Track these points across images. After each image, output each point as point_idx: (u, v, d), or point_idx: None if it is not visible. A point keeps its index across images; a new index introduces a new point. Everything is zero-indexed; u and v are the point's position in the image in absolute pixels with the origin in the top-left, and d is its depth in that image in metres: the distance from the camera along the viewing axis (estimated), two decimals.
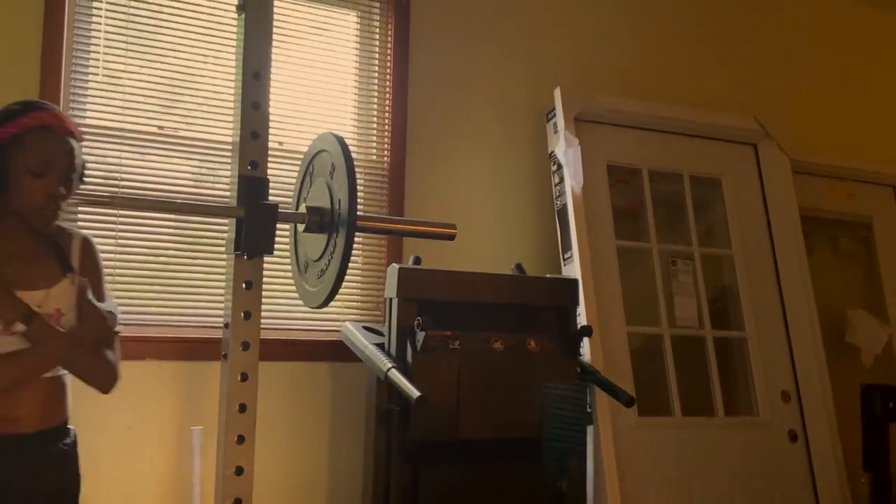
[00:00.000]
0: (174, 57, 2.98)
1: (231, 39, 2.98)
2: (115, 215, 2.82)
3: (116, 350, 2.05)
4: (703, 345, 3.55)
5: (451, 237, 2.60)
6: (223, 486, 2.34)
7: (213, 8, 3.04)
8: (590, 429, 3.08)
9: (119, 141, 2.86)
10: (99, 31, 2.86)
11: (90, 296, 1.96)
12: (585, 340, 3.14)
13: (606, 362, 3.17)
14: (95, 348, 1.97)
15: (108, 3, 2.88)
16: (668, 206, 3.70)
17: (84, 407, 2.26)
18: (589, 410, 3.08)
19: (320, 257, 2.36)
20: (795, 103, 4.21)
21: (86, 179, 2.02)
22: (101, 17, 2.87)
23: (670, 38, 3.93)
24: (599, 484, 3.03)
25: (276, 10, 3.07)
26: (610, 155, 3.56)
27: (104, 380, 2.00)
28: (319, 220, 2.36)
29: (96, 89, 2.85)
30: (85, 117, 2.82)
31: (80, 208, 2.74)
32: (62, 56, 2.75)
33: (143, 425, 2.80)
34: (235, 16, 2.47)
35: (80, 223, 2.73)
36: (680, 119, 3.68)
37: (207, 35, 3.02)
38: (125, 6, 2.91)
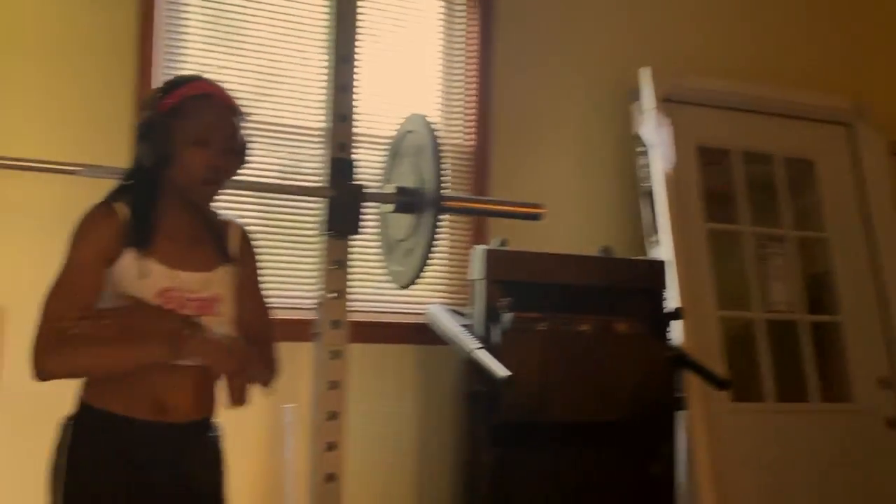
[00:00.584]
0: (261, 48, 3.03)
1: (316, 29, 3.03)
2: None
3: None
4: (797, 329, 3.45)
5: (539, 217, 2.61)
6: (315, 462, 2.40)
7: None
8: (681, 413, 3.03)
9: None
10: (189, 23, 2.94)
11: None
12: (675, 324, 3.09)
13: (697, 346, 3.11)
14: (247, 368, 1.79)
15: None
16: (759, 188, 3.61)
17: None
18: (680, 395, 3.03)
19: (407, 237, 2.39)
20: (894, 81, 4.04)
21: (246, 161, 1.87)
22: (191, 9, 2.94)
23: (762, 14, 3.81)
24: (691, 469, 2.98)
25: None
26: (699, 136, 3.48)
27: (266, 380, 1.89)
28: (406, 200, 2.39)
29: None
30: None
31: None
32: (152, 49, 2.83)
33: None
34: (321, 5, 2.52)
35: None
36: (772, 98, 3.58)
37: (294, 25, 3.07)
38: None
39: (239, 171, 1.82)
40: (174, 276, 1.70)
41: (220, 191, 1.79)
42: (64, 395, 1.72)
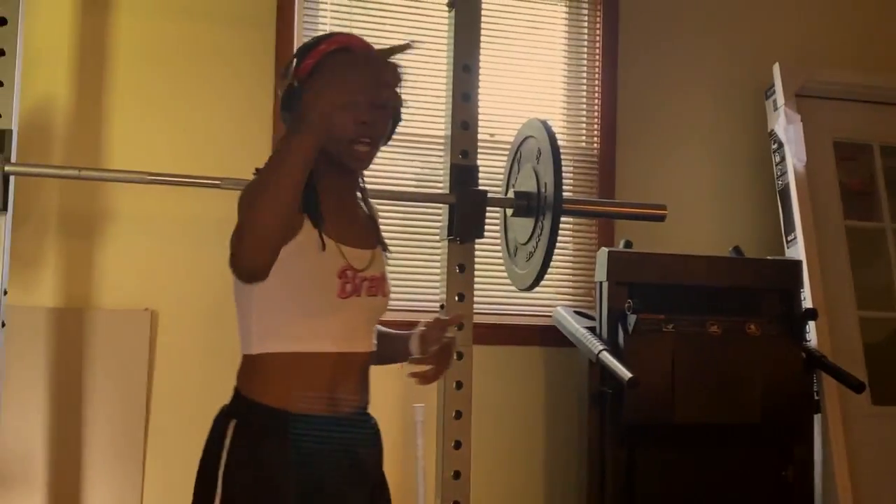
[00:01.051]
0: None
1: (440, 36, 3.12)
2: None
3: None
4: None
5: (661, 218, 2.60)
6: (443, 460, 2.48)
7: (425, 6, 3.18)
8: (818, 417, 2.94)
9: None
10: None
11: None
12: (811, 325, 3.00)
13: (835, 348, 3.01)
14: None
15: (332, 10, 3.11)
16: None
17: None
18: (816, 398, 2.94)
19: (528, 240, 2.44)
20: None
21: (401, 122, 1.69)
22: (326, 20, 3.10)
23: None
24: (828, 474, 2.89)
25: (485, 5, 3.20)
26: (836, 131, 3.37)
27: None
28: (526, 205, 2.44)
29: None
30: None
31: None
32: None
33: (373, 401, 2.99)
34: (446, 13, 2.60)
35: None
36: None
37: (421, 33, 3.18)
38: (348, 10, 3.12)
39: (395, 131, 1.67)
40: (345, 252, 1.55)
41: (376, 154, 1.60)
42: (216, 395, 1.69)
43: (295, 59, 1.59)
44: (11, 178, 2.29)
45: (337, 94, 1.39)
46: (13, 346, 2.68)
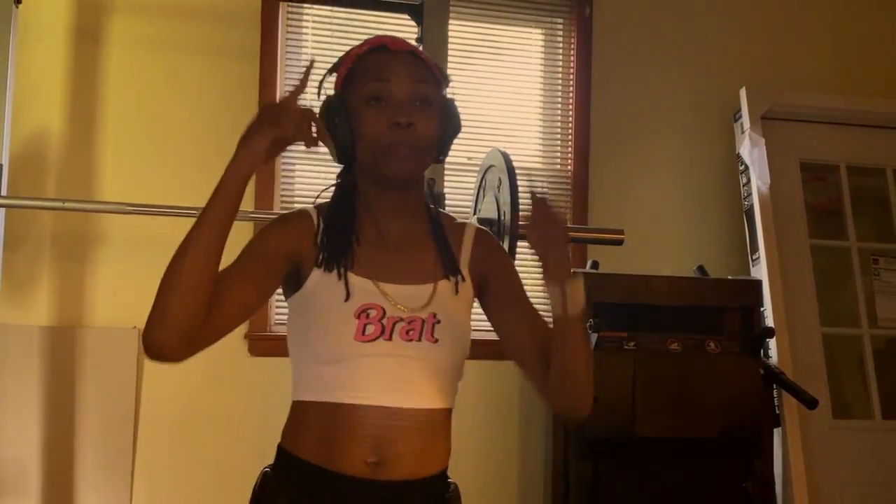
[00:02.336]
0: None
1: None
2: None
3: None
4: None
5: (619, 242, 2.72)
6: None
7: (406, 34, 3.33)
8: (779, 430, 3.06)
9: (326, 164, 3.22)
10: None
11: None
12: (773, 341, 3.11)
13: (797, 363, 3.12)
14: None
15: (314, 43, 3.25)
16: (872, 203, 3.56)
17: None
18: (777, 412, 3.05)
19: None
20: None
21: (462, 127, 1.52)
22: (308, 52, 3.24)
23: (863, 28, 3.75)
24: (789, 486, 3.00)
25: (463, 29, 3.34)
26: (803, 151, 3.48)
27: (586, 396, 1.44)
28: (489, 231, 2.57)
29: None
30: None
31: None
32: (276, 92, 3.15)
33: None
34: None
35: None
36: (881, 112, 3.53)
37: None
38: (329, 42, 3.27)
39: (450, 136, 1.47)
40: (377, 289, 1.37)
41: (420, 160, 1.41)
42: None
43: (330, 74, 1.46)
44: (2, 210, 2.44)
45: (366, 95, 1.35)
46: (8, 362, 2.86)
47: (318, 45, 3.26)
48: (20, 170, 2.84)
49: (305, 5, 3.20)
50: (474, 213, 2.75)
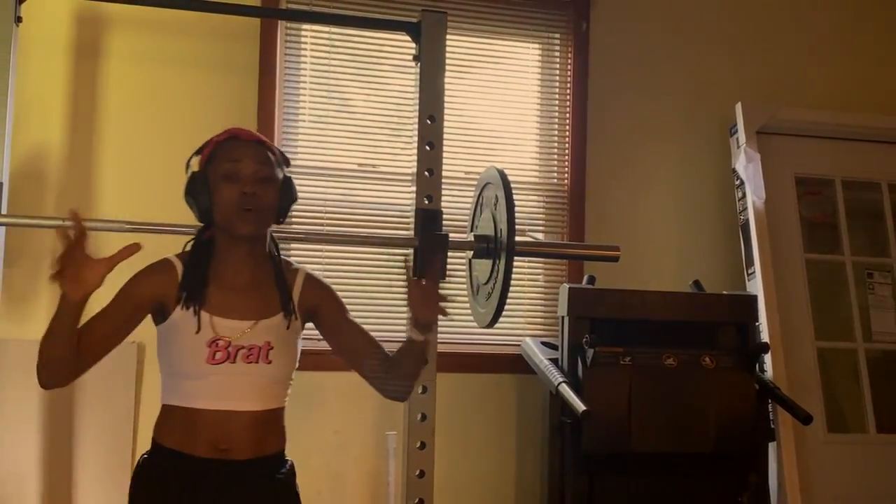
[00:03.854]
0: (367, 102, 3.32)
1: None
2: (321, 248, 3.20)
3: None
4: None
5: (615, 259, 2.75)
6: (408, 488, 2.63)
7: (399, 56, 3.35)
8: (774, 445, 3.08)
9: (325, 178, 3.25)
10: (305, 83, 3.26)
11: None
12: (768, 356, 3.13)
13: (792, 378, 3.15)
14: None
15: (311, 59, 3.28)
16: (866, 217, 3.58)
17: (298, 411, 2.62)
18: (771, 426, 3.07)
19: (487, 281, 2.59)
20: None
21: (297, 199, 1.96)
22: (306, 72, 3.27)
23: (857, 45, 3.78)
24: (783, 500, 3.02)
25: (461, 43, 3.38)
26: (798, 166, 3.51)
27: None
28: (486, 247, 2.60)
29: (305, 134, 3.26)
30: (296, 158, 3.20)
31: (292, 242, 3.11)
32: (275, 107, 3.18)
33: (348, 429, 3.16)
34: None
35: (293, 253, 3.12)
36: (876, 126, 3.56)
37: (395, 82, 3.34)
38: (327, 58, 3.29)
39: (286, 205, 1.90)
40: (222, 324, 1.80)
41: (263, 221, 1.86)
42: None
43: (195, 155, 1.91)
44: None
45: (222, 174, 1.82)
46: (8, 377, 2.87)
47: (317, 60, 3.28)
48: (20, 185, 2.85)
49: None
50: (471, 230, 2.78)
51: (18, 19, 2.57)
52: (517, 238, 2.49)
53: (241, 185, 1.81)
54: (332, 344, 2.01)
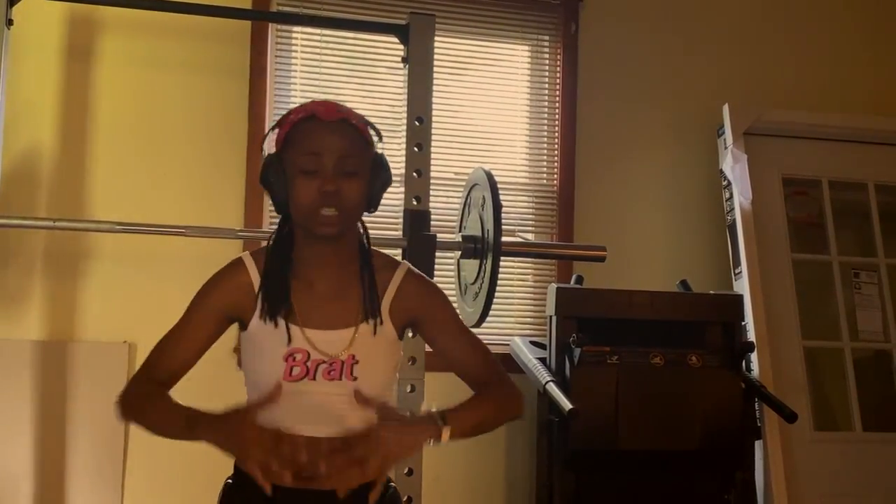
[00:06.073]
0: (358, 103, 3.35)
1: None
2: None
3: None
4: (888, 359, 3.43)
5: (601, 259, 2.78)
6: (397, 486, 2.66)
7: (391, 62, 3.37)
8: (760, 443, 3.11)
9: None
10: (296, 85, 3.28)
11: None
12: (754, 355, 3.16)
13: (779, 376, 3.17)
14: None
15: (301, 65, 3.30)
16: (853, 217, 3.61)
17: None
18: (758, 424, 3.10)
19: (475, 280, 2.62)
20: None
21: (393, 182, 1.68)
22: (297, 74, 3.29)
23: (844, 46, 3.81)
24: (770, 498, 3.05)
25: (451, 45, 3.40)
26: (785, 167, 3.53)
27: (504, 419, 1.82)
28: (473, 247, 2.63)
29: None
30: None
31: None
32: (266, 110, 3.20)
33: None
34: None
35: None
36: (862, 127, 3.59)
37: (386, 83, 3.37)
38: (317, 64, 3.31)
39: (378, 191, 1.63)
40: (299, 335, 1.56)
41: (348, 221, 1.59)
42: None
43: (272, 131, 1.63)
44: None
45: (299, 167, 1.53)
46: (1, 376, 2.90)
47: (307, 62, 3.30)
48: (12, 186, 2.87)
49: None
50: (460, 230, 2.81)
51: (9, 22, 2.59)
52: (504, 238, 2.52)
53: (320, 182, 1.53)
54: (436, 351, 1.75)
